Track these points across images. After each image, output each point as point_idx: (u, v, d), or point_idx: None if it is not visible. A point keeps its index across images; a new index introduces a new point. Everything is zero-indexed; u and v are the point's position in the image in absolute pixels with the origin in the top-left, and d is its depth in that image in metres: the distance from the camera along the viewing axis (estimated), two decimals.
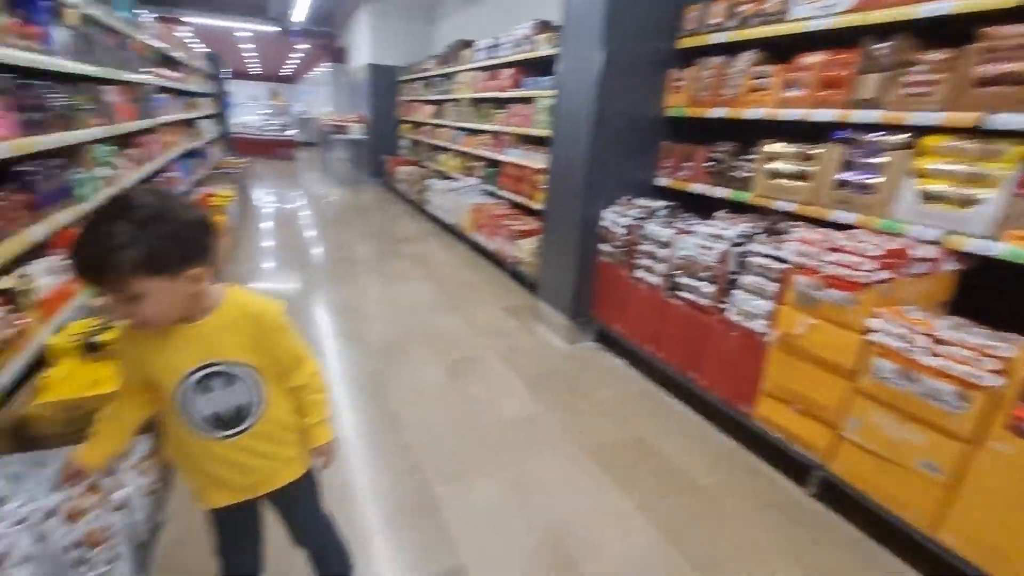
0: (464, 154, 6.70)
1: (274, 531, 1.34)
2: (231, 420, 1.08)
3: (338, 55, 13.20)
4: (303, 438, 1.22)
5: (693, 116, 3.01)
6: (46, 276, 1.93)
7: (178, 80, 5.32)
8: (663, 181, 3.27)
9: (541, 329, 3.80)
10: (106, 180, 2.69)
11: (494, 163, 5.79)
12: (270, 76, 26.39)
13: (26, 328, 1.70)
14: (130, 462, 1.63)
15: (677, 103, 3.11)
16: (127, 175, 3.08)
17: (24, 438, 1.58)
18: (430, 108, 7.83)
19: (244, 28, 12.48)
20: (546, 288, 3.85)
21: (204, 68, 7.96)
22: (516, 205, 5.37)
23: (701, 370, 2.66)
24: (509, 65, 5.24)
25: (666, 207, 3.10)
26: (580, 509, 2.05)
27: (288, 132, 14.31)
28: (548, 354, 3.44)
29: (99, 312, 2.25)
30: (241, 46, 17.24)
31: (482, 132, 6.01)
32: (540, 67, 4.93)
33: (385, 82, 9.46)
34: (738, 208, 2.87)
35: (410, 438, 2.43)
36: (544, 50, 4.57)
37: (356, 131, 10.00)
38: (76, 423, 1.60)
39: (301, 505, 1.30)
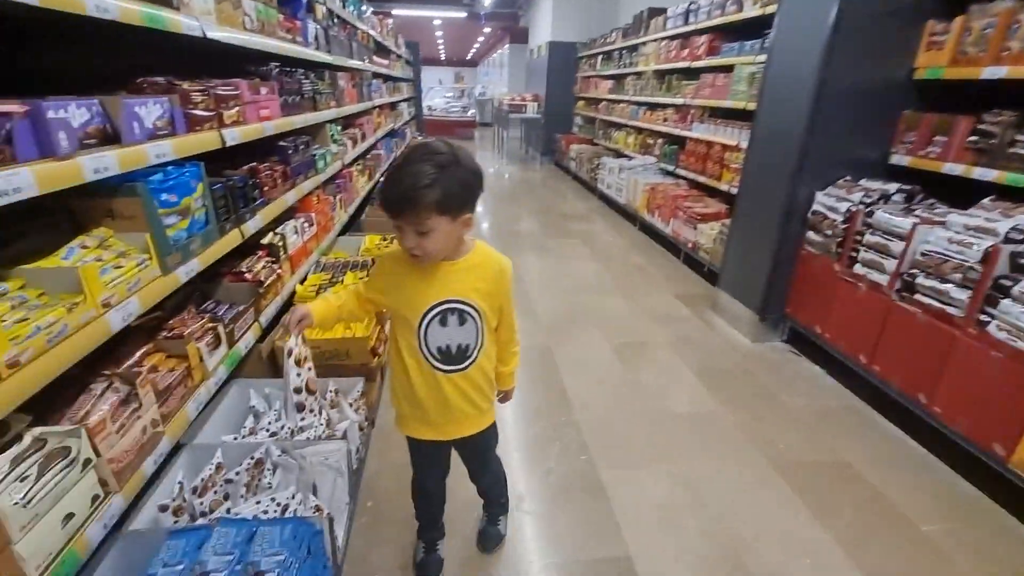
0: (642, 130, 6.43)
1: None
2: (456, 356, 1.23)
3: (518, 36, 13.63)
4: (493, 389, 1.39)
5: (954, 79, 2.41)
6: (293, 235, 2.34)
7: (387, 67, 6.02)
8: (901, 160, 2.71)
9: (719, 321, 3.51)
10: (336, 155, 3.17)
11: (676, 140, 5.44)
12: (454, 61, 28.52)
13: (282, 275, 2.09)
14: (350, 399, 1.92)
15: (933, 63, 2.52)
16: (350, 151, 3.59)
17: (277, 366, 1.95)
18: (608, 83, 7.65)
19: (438, 16, 13.59)
20: (730, 277, 3.52)
21: (405, 55, 8.89)
22: (698, 185, 5.00)
23: (936, 393, 2.18)
24: (706, 31, 4.82)
25: (902, 191, 2.57)
26: (764, 528, 1.85)
27: (468, 113, 15.36)
28: (726, 349, 3.16)
29: (330, 268, 2.69)
30: (434, 34, 18.87)
31: (665, 107, 5.68)
32: (743, 31, 4.44)
33: (563, 59, 9.51)
34: (1011, 195, 2.24)
35: (579, 416, 2.45)
36: (750, 11, 4.08)
37: (531, 110, 10.28)
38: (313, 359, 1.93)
39: (482, 451, 1.51)
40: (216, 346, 1.57)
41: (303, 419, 1.54)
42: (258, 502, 1.42)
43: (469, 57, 27.80)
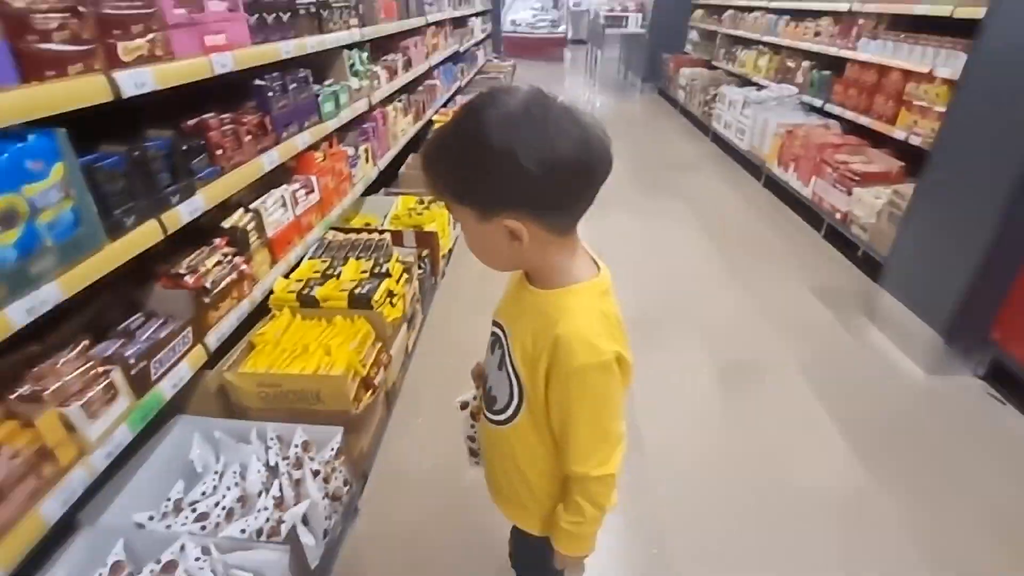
0: (781, 49, 5.27)
1: None
2: (488, 402, 0.97)
3: None
4: (546, 494, 0.99)
5: None
6: (278, 210, 1.89)
7: None
8: None
9: (876, 336, 2.70)
10: (358, 91, 2.65)
11: (831, 64, 4.33)
12: None
13: (248, 274, 1.67)
14: (322, 457, 1.49)
15: None
16: (383, 85, 3.06)
17: (230, 404, 1.57)
18: None
19: None
20: (901, 273, 2.66)
21: None
22: (858, 129, 3.96)
23: None
24: None
25: None
26: None
27: (559, 29, 14.11)
28: (888, 382, 2.40)
29: (335, 249, 2.25)
30: None
31: (819, 15, 4.52)
32: None
33: None
34: None
35: (655, 478, 1.89)
36: None
37: (633, 23, 9.05)
38: (270, 401, 1.52)
39: (522, 554, 1.18)
40: (110, 400, 1.18)
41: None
42: None
43: None
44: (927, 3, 3.20)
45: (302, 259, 2.06)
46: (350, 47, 2.60)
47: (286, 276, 1.90)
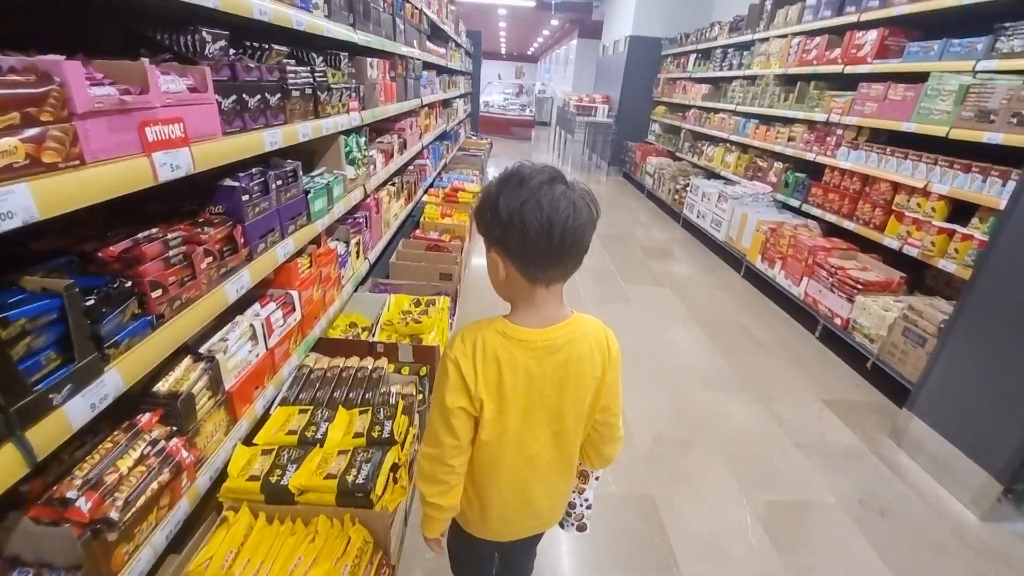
0: (749, 149, 5.09)
1: None
2: None
3: (587, 31, 12.29)
4: None
5: None
6: (245, 346, 1.26)
7: (443, 56, 4.94)
8: None
9: (910, 465, 2.26)
10: (353, 181, 2.09)
11: (808, 166, 4.11)
12: (514, 55, 27.33)
13: (188, 465, 1.02)
14: None
15: None
16: (379, 170, 2.51)
17: None
18: (702, 88, 6.30)
19: (504, 4, 12.46)
20: (939, 403, 2.24)
21: (465, 45, 7.81)
22: (838, 231, 3.67)
23: None
24: (876, 25, 3.47)
25: None
26: None
27: (527, 111, 14.16)
28: (940, 528, 1.93)
29: (316, 384, 1.60)
30: (497, 25, 17.75)
31: (792, 122, 4.35)
32: (939, 26, 3.11)
33: (643, 57, 8.17)
34: None
35: None
36: None
37: (601, 113, 9.01)
38: None
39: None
40: None
41: None
42: None
43: (530, 52, 26.50)
44: (918, 122, 2.98)
45: (272, 403, 1.42)
46: (348, 132, 2.05)
47: (248, 441, 1.25)
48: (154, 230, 1.01)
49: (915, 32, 3.31)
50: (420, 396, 1.86)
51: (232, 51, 1.23)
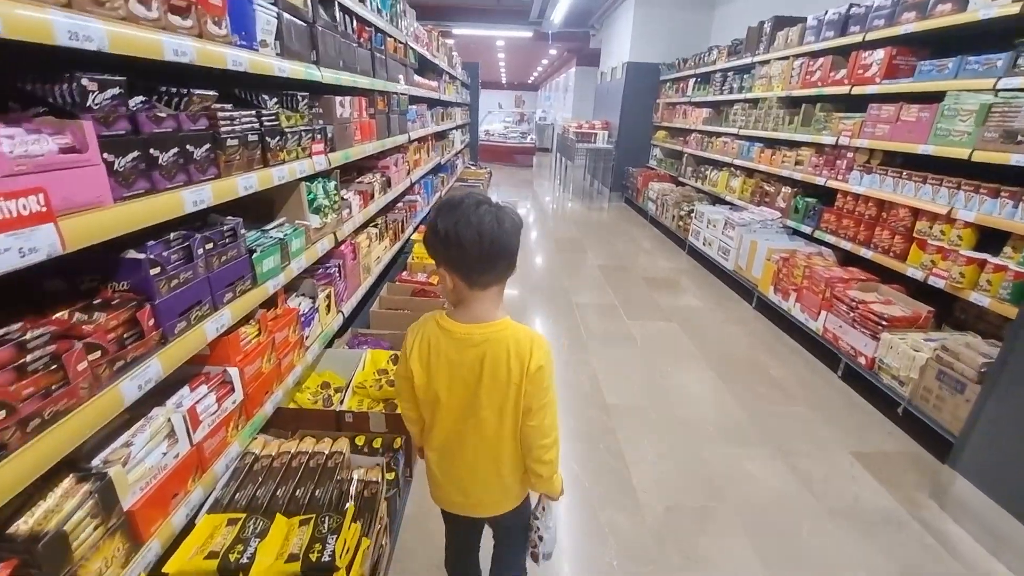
0: (757, 173, 4.89)
1: None
2: None
3: (585, 59, 12.33)
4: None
5: None
6: (157, 448, 1.04)
7: (434, 90, 4.82)
8: None
9: (958, 534, 1.96)
10: (318, 231, 1.89)
11: (818, 190, 3.89)
12: (515, 84, 27.67)
13: None
14: None
15: None
16: (356, 214, 2.32)
17: None
18: (703, 112, 6.15)
19: (502, 35, 12.56)
20: (988, 462, 1.95)
21: (461, 77, 7.77)
22: (854, 259, 3.42)
23: None
24: (883, 44, 3.28)
25: None
26: None
27: (528, 139, 14.16)
28: None
29: (249, 482, 1.37)
30: (496, 56, 17.96)
31: (799, 145, 4.15)
32: (949, 44, 2.93)
33: (642, 83, 8.09)
34: None
35: None
36: (988, 9, 2.54)
37: (601, 139, 8.90)
38: None
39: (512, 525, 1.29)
40: None
41: None
42: None
43: (530, 80, 26.83)
44: (935, 144, 2.76)
45: (202, 508, 1.18)
46: (312, 178, 1.86)
47: (155, 571, 1.01)
48: (14, 327, 0.80)
49: (923, 51, 3.12)
50: (392, 476, 1.61)
51: (142, 99, 1.05)
